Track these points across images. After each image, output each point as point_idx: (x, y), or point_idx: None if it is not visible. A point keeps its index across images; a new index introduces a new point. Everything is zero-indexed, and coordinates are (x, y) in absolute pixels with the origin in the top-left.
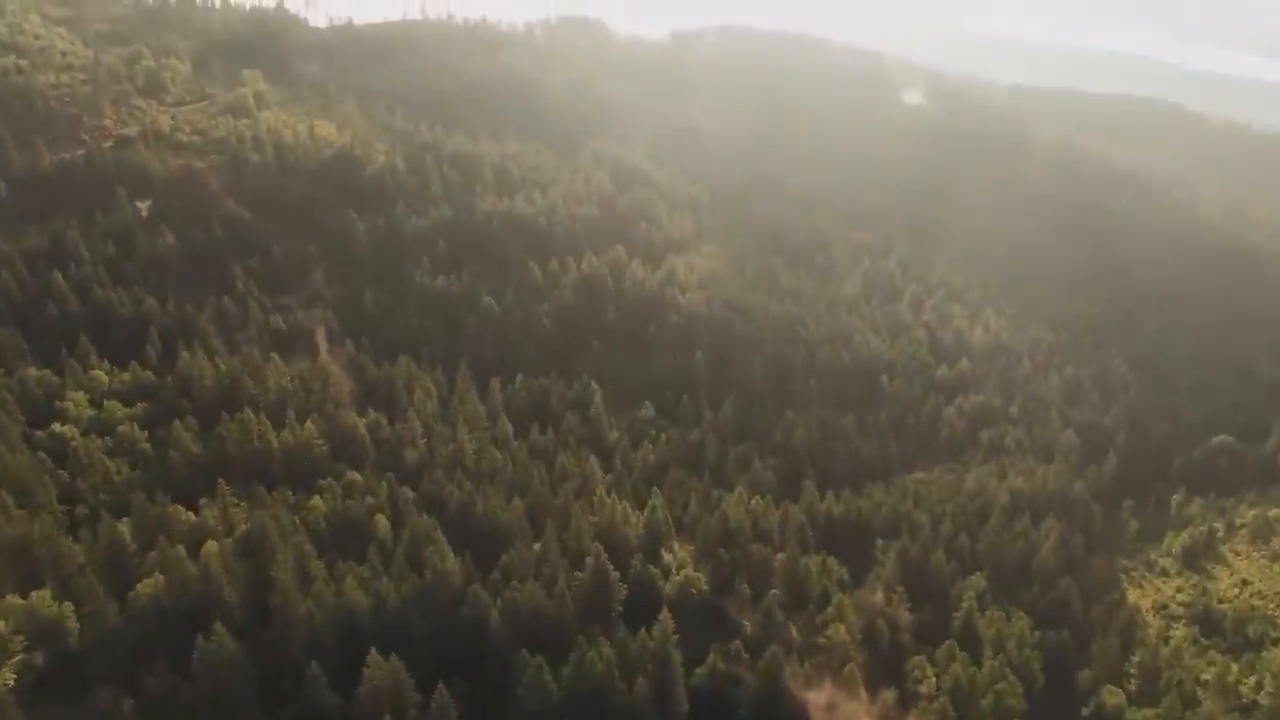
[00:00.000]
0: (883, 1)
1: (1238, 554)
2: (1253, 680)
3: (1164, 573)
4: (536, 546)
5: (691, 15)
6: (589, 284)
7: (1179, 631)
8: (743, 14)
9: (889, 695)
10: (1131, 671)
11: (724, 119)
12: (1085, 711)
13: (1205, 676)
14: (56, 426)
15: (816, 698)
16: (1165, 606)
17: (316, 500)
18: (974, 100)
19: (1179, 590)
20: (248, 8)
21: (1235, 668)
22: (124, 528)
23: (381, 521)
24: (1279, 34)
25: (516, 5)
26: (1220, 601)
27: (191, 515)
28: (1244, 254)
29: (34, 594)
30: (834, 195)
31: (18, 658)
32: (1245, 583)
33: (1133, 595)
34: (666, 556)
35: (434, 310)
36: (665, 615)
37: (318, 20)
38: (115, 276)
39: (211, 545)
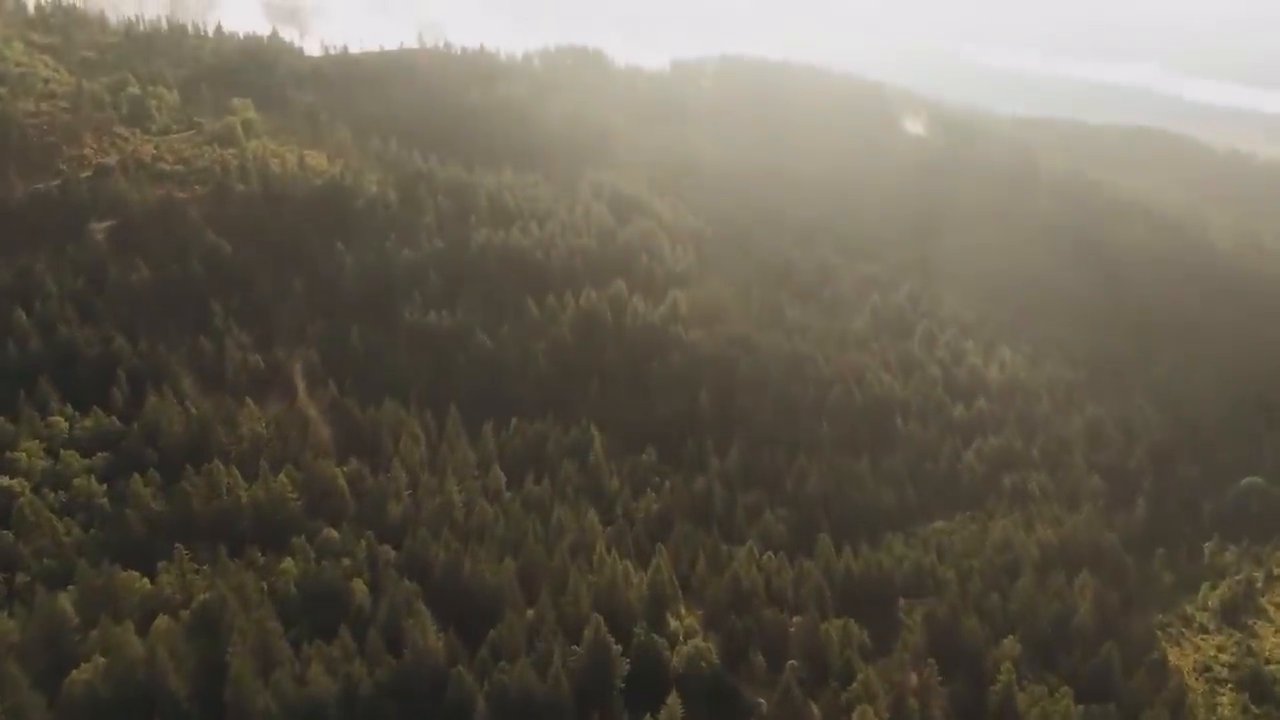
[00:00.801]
0: (879, 31)
1: (1279, 607)
2: None
3: (1203, 629)
4: (530, 612)
5: (692, 45)
6: (588, 320)
7: (1226, 697)
8: (743, 44)
9: None
10: None
11: (725, 149)
12: None
13: None
14: (4, 480)
15: None
16: (1209, 668)
17: (287, 563)
18: (978, 131)
19: (1221, 649)
20: (241, 36)
21: None
22: (66, 599)
23: (359, 587)
24: (1274, 65)
25: (515, 35)
26: (1269, 663)
27: (146, 582)
28: (1260, 285)
29: None
30: (838, 226)
31: None
32: None
33: (1173, 655)
34: (673, 623)
35: (424, 349)
36: (673, 699)
37: (312, 48)
38: (83, 313)
39: (162, 622)
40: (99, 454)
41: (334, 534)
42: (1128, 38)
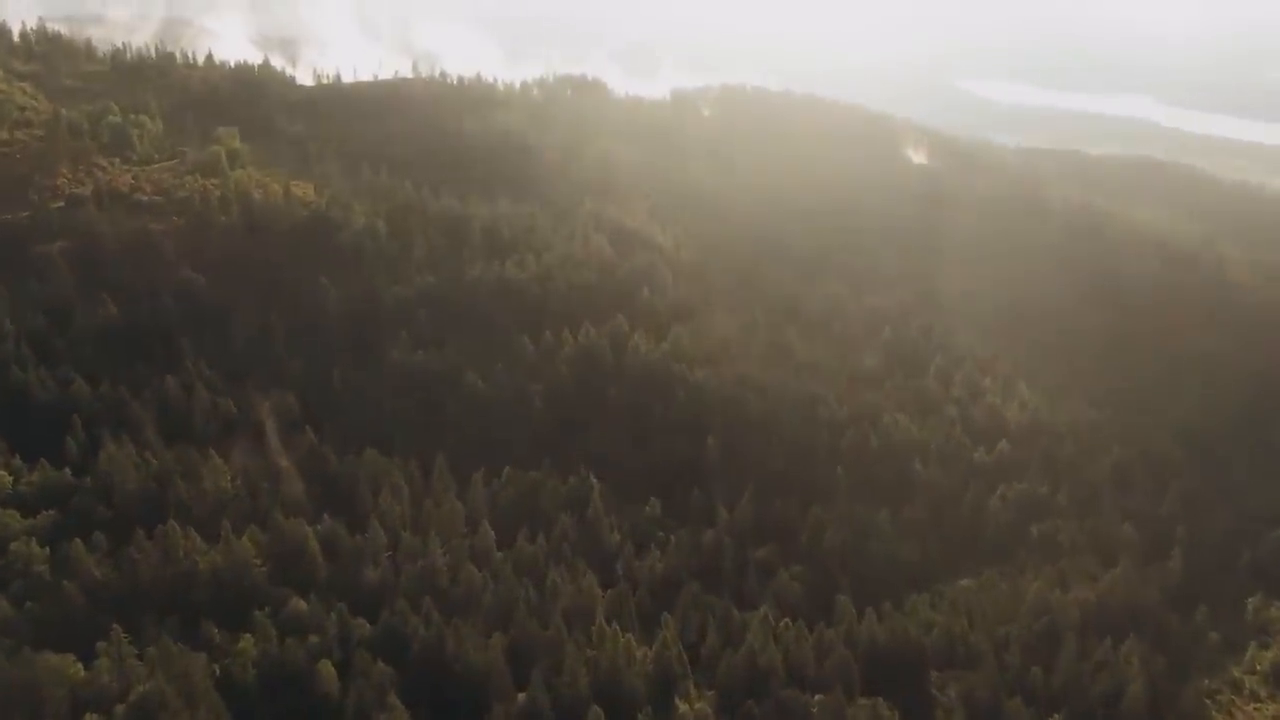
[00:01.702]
0: (875, 62)
1: None
2: None
3: (1254, 697)
4: (521, 697)
5: (692, 75)
6: (586, 359)
7: None
8: (744, 74)
9: None
10: None
11: (728, 179)
12: None
13: None
14: None
15: None
16: None
17: (246, 641)
18: (982, 161)
19: None
20: (232, 65)
21: None
22: None
23: (326, 670)
24: (1272, 99)
25: (512, 65)
26: None
27: (80, 669)
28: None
29: None
30: (845, 259)
31: None
32: None
33: None
34: (682, 707)
35: (411, 391)
36: None
37: (305, 78)
38: (40, 353)
39: None
40: (44, 512)
41: (302, 605)
42: (1121, 72)
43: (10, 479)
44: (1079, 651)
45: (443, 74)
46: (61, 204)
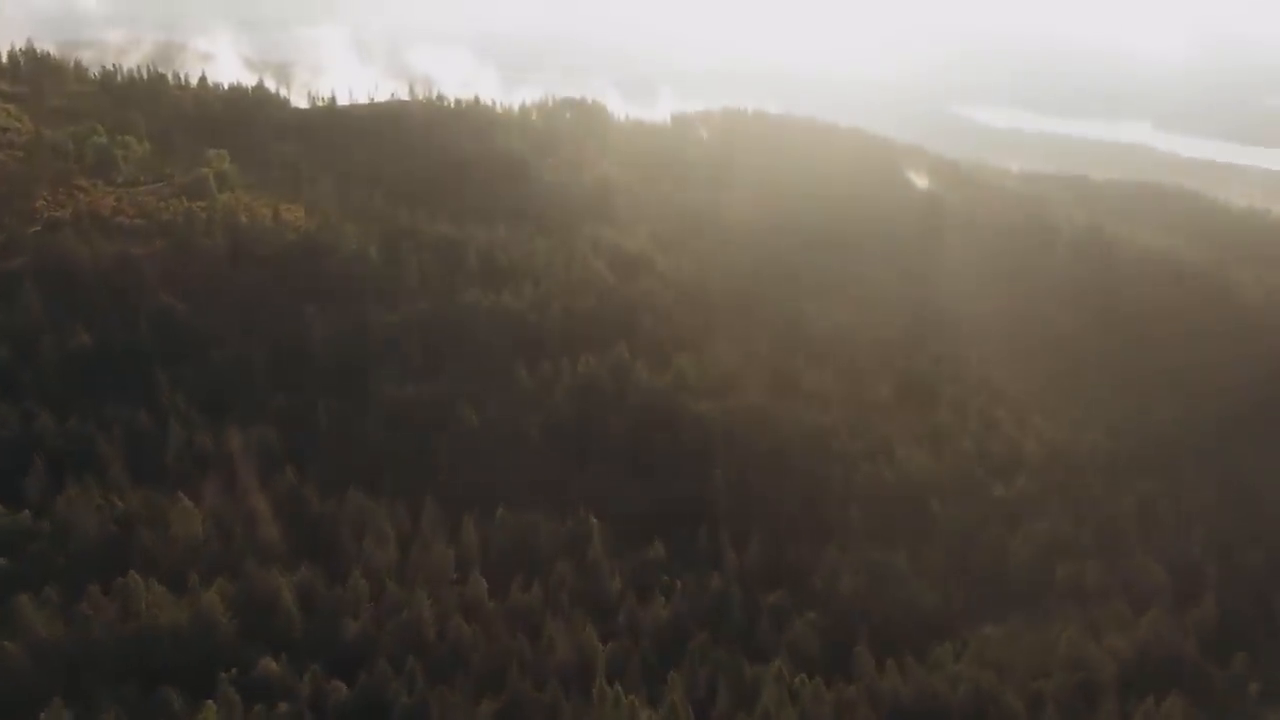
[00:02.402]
0: (870, 88)
1: None
2: None
3: None
4: None
5: (693, 98)
6: (586, 390)
7: None
8: (744, 97)
9: None
10: None
11: (729, 203)
12: None
13: None
14: None
15: None
16: None
17: (208, 710)
18: (988, 186)
19: None
20: (226, 87)
21: None
22: None
23: None
24: (1271, 125)
25: (511, 88)
26: None
27: None
28: None
29: None
30: (850, 285)
31: None
32: None
33: None
34: None
35: (400, 425)
36: None
37: (299, 100)
38: (4, 386)
39: None
40: None
41: (273, 666)
42: (1117, 98)
43: None
44: (1118, 709)
45: (440, 96)
46: (38, 228)
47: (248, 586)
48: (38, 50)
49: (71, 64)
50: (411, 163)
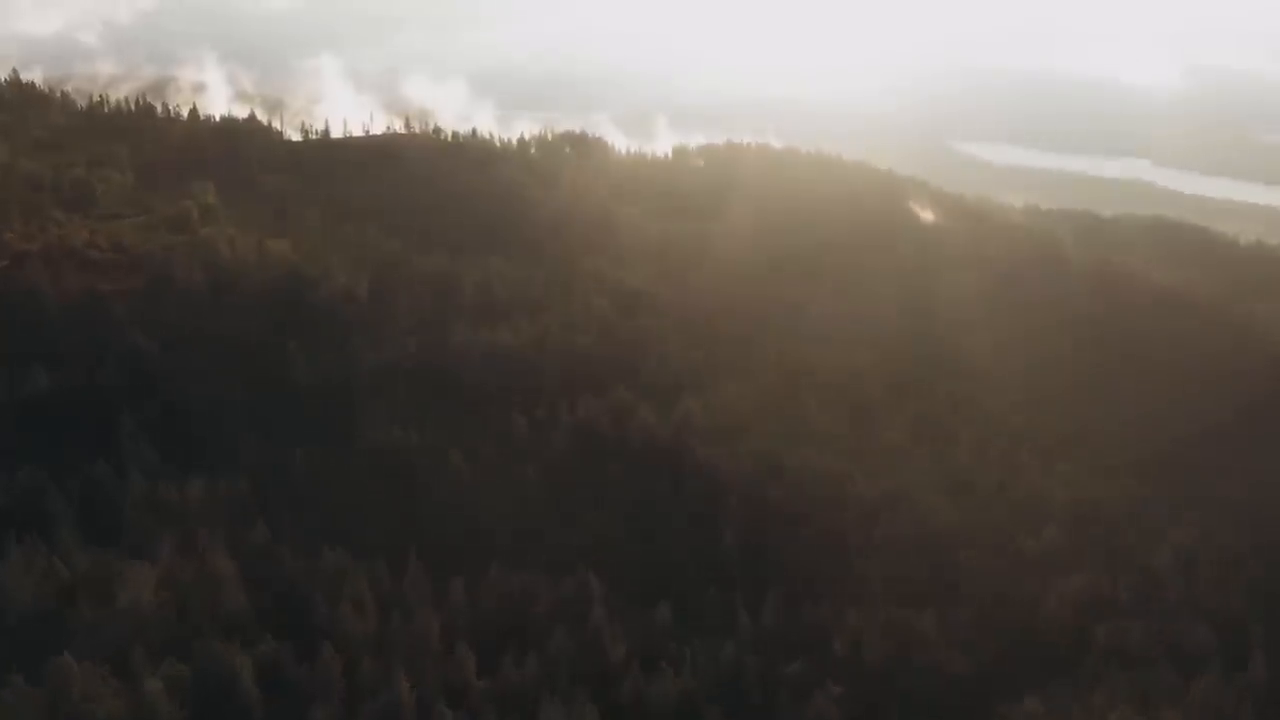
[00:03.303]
0: (872, 120)
1: None
2: None
3: None
4: None
5: (693, 132)
6: (585, 435)
7: None
8: (744, 130)
9: None
10: None
11: (733, 238)
12: None
13: None
14: None
15: None
16: None
17: None
18: (995, 221)
19: None
20: (216, 118)
21: None
22: None
23: None
24: (1268, 162)
25: (509, 122)
26: None
27: None
28: None
29: None
30: (858, 323)
31: None
32: None
33: None
34: None
35: (385, 475)
36: None
37: (292, 133)
38: None
39: None
40: None
41: None
42: (1114, 136)
43: None
44: None
45: (437, 130)
46: (5, 260)
47: (201, 666)
48: (22, 80)
49: (58, 95)
50: (406, 196)
